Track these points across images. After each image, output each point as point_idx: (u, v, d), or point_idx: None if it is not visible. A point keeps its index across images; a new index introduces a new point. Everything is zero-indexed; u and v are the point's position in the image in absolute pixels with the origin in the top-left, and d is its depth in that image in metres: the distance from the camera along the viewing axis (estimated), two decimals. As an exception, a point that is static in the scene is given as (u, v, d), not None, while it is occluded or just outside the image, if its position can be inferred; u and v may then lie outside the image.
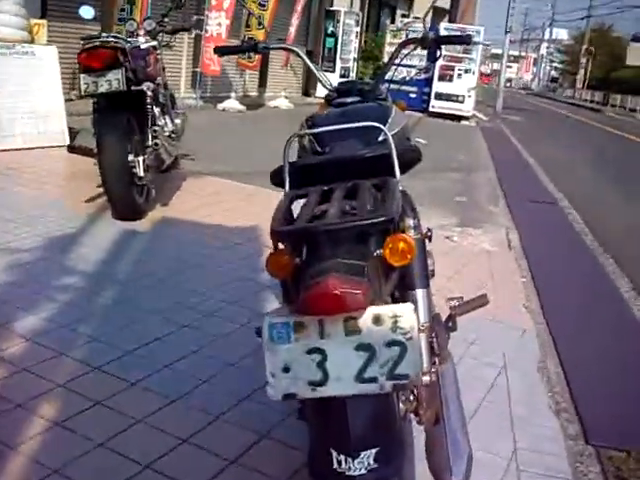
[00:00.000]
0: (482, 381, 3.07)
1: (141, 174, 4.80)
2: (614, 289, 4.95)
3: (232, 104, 13.01)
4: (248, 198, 5.95)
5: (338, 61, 18.49)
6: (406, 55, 2.86)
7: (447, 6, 24.36)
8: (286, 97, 15.42)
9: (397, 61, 2.78)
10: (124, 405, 2.48)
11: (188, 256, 4.23)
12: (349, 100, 2.55)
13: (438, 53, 2.67)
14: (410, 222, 1.91)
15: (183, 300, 3.52)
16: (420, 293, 1.83)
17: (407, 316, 1.41)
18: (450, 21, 20.18)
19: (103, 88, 4.53)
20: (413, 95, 18.94)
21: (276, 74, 16.62)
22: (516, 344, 3.59)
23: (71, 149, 4.94)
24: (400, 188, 1.86)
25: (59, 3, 10.76)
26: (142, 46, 5.56)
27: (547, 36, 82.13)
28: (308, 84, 18.73)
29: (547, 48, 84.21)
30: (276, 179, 2.08)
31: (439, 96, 17.75)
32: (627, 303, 4.69)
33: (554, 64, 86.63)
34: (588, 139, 19.74)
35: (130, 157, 4.71)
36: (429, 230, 2.09)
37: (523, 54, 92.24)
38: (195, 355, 2.95)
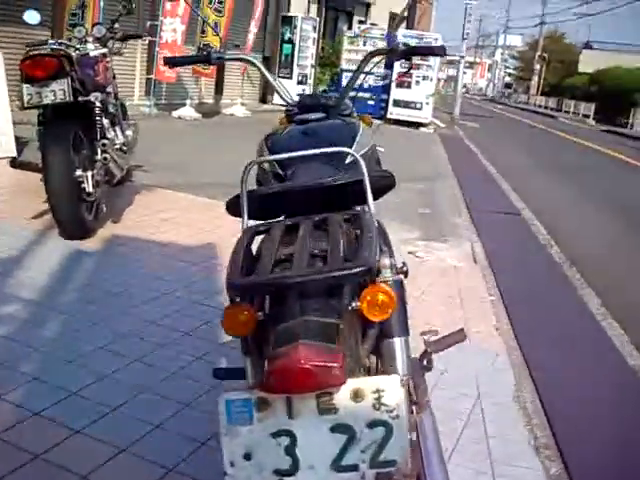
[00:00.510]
0: (457, 414, 2.87)
1: (90, 190, 4.52)
2: (583, 305, 4.81)
3: (187, 112, 12.71)
4: (203, 212, 5.69)
5: (295, 67, 18.27)
6: (373, 67, 2.66)
7: (404, 13, 24.37)
8: (243, 104, 15.15)
9: (364, 73, 2.57)
10: (67, 458, 2.22)
11: (138, 279, 3.96)
12: (312, 117, 2.33)
13: (408, 65, 2.47)
14: (386, 261, 1.68)
15: (132, 330, 3.25)
16: (399, 343, 1.59)
17: (392, 390, 1.18)
18: (408, 27, 20.09)
19: (48, 99, 4.24)
20: (371, 102, 18.81)
21: (232, 81, 16.34)
22: (489, 371, 3.40)
23: (14, 164, 4.62)
24: (373, 217, 1.65)
25: (6, 7, 10.36)
26: (91, 53, 5.27)
27: (501, 42, 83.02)
28: (265, 91, 18.48)
29: (501, 54, 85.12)
30: (233, 209, 1.86)
31: (397, 103, 17.66)
32: (596, 320, 4.55)
33: (508, 70, 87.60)
34: (545, 145, 19.82)
35: (78, 172, 4.43)
36: (404, 265, 1.88)
37: (478, 60, 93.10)
38: (146, 395, 2.70)
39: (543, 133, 25.29)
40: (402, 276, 1.86)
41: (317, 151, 1.75)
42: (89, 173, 4.51)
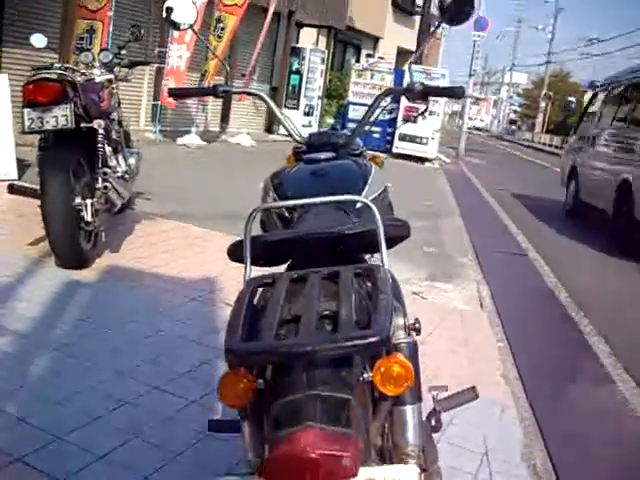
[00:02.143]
0: (463, 475, 2.72)
1: (89, 219, 4.40)
2: (592, 354, 4.65)
3: (192, 139, 12.64)
4: (205, 244, 5.58)
5: (302, 98, 18.28)
6: (386, 106, 2.55)
7: (412, 47, 24.48)
8: (248, 134, 15.10)
9: (377, 112, 2.46)
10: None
11: (134, 314, 3.82)
12: (322, 156, 2.22)
13: (425, 106, 2.35)
14: (400, 320, 1.55)
15: (125, 370, 3.11)
16: (411, 411, 1.45)
17: (410, 481, 1.05)
18: (416, 63, 20.11)
19: (49, 125, 4.14)
20: (376, 135, 18.79)
21: (238, 109, 16.33)
22: (497, 425, 3.25)
23: (11, 190, 4.51)
24: (388, 273, 1.52)
25: (15, 29, 10.35)
26: (97, 79, 5.21)
27: (507, 79, 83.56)
28: (271, 121, 18.45)
29: (507, 91, 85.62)
30: (235, 255, 1.74)
31: (403, 137, 17.61)
32: (606, 370, 4.39)
33: (513, 107, 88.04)
34: (551, 184, 19.73)
35: (77, 200, 4.32)
36: (416, 322, 1.75)
37: (483, 96, 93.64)
38: (137, 441, 2.55)
39: (548, 172, 25.23)
40: (415, 334, 1.73)
41: (327, 199, 1.64)
42: (89, 201, 4.40)
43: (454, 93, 2.28)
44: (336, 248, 1.71)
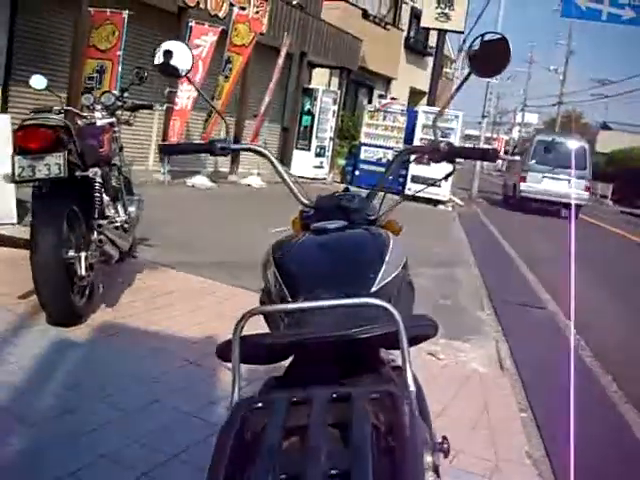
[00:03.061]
0: None
1: (82, 273, 4.12)
2: (625, 427, 4.29)
3: (201, 180, 12.43)
4: (212, 299, 5.28)
5: (314, 139, 18.11)
6: (405, 164, 2.26)
7: (425, 88, 24.38)
8: (259, 174, 14.88)
9: (395, 171, 2.17)
10: None
11: (128, 381, 3.50)
12: (331, 226, 1.91)
13: (451, 168, 2.06)
14: (425, 436, 1.25)
15: (110, 451, 2.78)
16: None
17: None
18: (428, 103, 19.98)
19: (41, 174, 3.87)
20: (389, 177, 18.54)
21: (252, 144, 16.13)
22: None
23: (1, 240, 4.24)
24: (414, 399, 1.22)
25: (24, 68, 10.21)
26: (98, 122, 4.98)
27: (519, 120, 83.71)
28: (282, 161, 18.25)
29: (519, 132, 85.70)
30: (225, 356, 1.45)
31: (415, 179, 17.30)
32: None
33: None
34: (567, 227, 19.43)
35: (70, 253, 4.04)
36: (444, 440, 1.44)
37: (495, 136, 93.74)
38: None
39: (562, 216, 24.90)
40: (442, 456, 1.42)
41: (336, 302, 1.35)
42: (82, 254, 4.12)
43: (486, 156, 1.99)
44: (346, 349, 1.41)
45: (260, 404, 1.20)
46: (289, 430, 1.14)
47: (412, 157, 2.16)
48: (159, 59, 2.39)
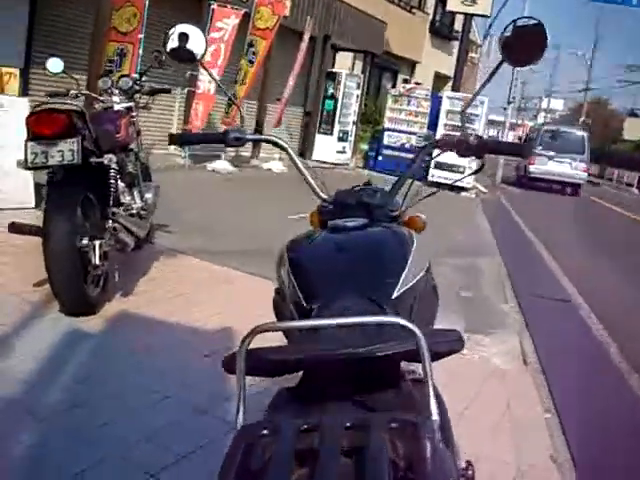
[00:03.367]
0: None
1: (96, 262, 4.03)
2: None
3: (222, 165, 12.32)
4: (227, 287, 5.18)
5: (337, 124, 17.93)
6: (430, 159, 2.13)
7: (450, 73, 24.08)
8: (280, 159, 14.74)
9: (421, 165, 2.04)
10: None
11: (140, 375, 3.41)
12: (350, 224, 1.79)
13: (480, 163, 1.92)
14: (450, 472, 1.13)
15: (117, 450, 2.69)
16: None
17: None
18: (453, 89, 19.70)
19: (54, 160, 3.77)
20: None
21: (270, 134, 15.99)
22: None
23: (12, 228, 4.15)
24: (437, 430, 1.10)
25: (44, 51, 10.12)
26: (115, 107, 4.88)
27: (544, 106, 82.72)
28: (304, 145, 18.13)
29: (544, 117, 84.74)
30: (232, 369, 1.34)
31: (439, 165, 17.03)
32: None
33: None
34: (592, 216, 19.15)
35: (84, 241, 3.94)
36: (469, 466, 1.32)
37: (519, 122, 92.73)
38: None
39: (587, 202, 24.57)
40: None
41: (351, 320, 1.23)
42: (97, 243, 4.02)
43: (520, 152, 1.85)
44: (362, 365, 1.29)
45: (266, 431, 1.08)
46: (298, 460, 1.03)
47: (436, 151, 2.02)
48: (174, 42, 2.27)
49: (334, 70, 18.55)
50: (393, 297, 1.55)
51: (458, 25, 25.65)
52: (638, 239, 15.00)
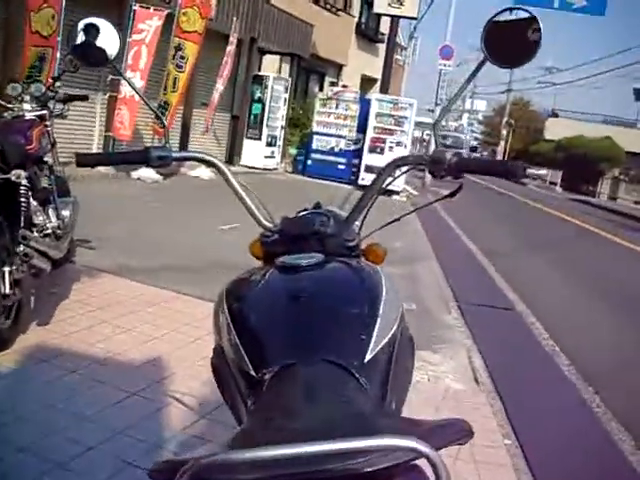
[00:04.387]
0: None
1: (6, 291, 3.58)
2: (612, 444, 3.94)
3: (147, 173, 11.77)
4: (154, 308, 4.77)
5: (265, 128, 17.54)
6: (396, 178, 1.82)
7: (376, 75, 23.99)
8: (208, 166, 14.29)
9: (385, 182, 1.72)
10: None
11: (59, 420, 2.99)
12: (304, 262, 1.45)
13: (457, 185, 1.61)
14: None
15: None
16: None
17: None
18: (382, 91, 19.55)
19: (-49, 178, 3.32)
20: (342, 167, 18.17)
21: (198, 140, 15.52)
22: None
23: None
24: None
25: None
26: (26, 115, 4.42)
27: (467, 107, 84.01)
28: (232, 151, 17.68)
29: (467, 118, 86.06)
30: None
31: (369, 169, 16.88)
32: (633, 467, 3.68)
33: (474, 134, 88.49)
34: (519, 216, 19.34)
35: (-10, 269, 3.50)
36: None
37: (444, 123, 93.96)
38: None
39: (514, 201, 24.87)
40: None
41: (336, 447, 0.90)
42: (6, 269, 3.58)
43: (509, 172, 1.55)
44: None
45: None
46: None
47: (402, 169, 1.71)
48: (80, 38, 1.91)
49: (261, 73, 18.17)
50: (366, 360, 1.24)
51: (384, 27, 25.59)
52: (563, 235, 15.16)
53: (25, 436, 2.82)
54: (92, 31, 1.89)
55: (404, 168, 1.71)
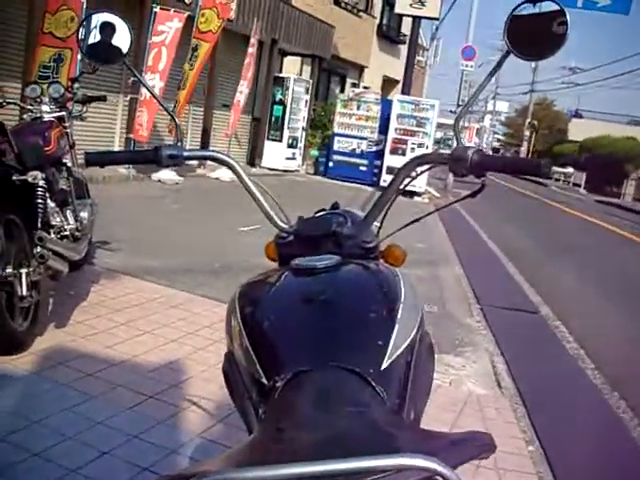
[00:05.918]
0: None
1: (23, 293, 3.56)
2: (639, 451, 3.84)
3: (168, 175, 11.79)
4: (172, 311, 4.73)
5: (286, 130, 17.52)
6: (417, 176, 1.75)
7: (398, 77, 23.90)
8: (229, 167, 14.27)
9: (405, 181, 1.65)
10: None
11: (75, 426, 2.94)
12: (319, 264, 1.38)
13: (480, 184, 1.54)
14: None
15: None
16: None
17: None
18: (403, 92, 19.44)
19: (-32, 180, 3.30)
20: (363, 168, 18.11)
21: (219, 141, 15.52)
22: None
23: None
24: None
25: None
26: (45, 117, 4.41)
27: (490, 108, 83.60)
28: (253, 153, 17.68)
29: (490, 120, 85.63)
30: None
31: (391, 170, 16.78)
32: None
33: (497, 135, 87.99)
34: (544, 217, 19.13)
35: (8, 270, 3.48)
36: None
37: (466, 124, 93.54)
38: None
39: (538, 204, 24.63)
40: None
41: (351, 465, 0.83)
42: (23, 271, 3.56)
43: (535, 170, 1.47)
44: None
45: None
46: None
47: (423, 168, 1.64)
48: (95, 37, 1.86)
49: (282, 75, 18.16)
50: (383, 367, 1.17)
51: (405, 28, 25.49)
52: (589, 242, 14.96)
53: (40, 440, 2.78)
54: (108, 30, 1.84)
55: (425, 167, 1.63)
